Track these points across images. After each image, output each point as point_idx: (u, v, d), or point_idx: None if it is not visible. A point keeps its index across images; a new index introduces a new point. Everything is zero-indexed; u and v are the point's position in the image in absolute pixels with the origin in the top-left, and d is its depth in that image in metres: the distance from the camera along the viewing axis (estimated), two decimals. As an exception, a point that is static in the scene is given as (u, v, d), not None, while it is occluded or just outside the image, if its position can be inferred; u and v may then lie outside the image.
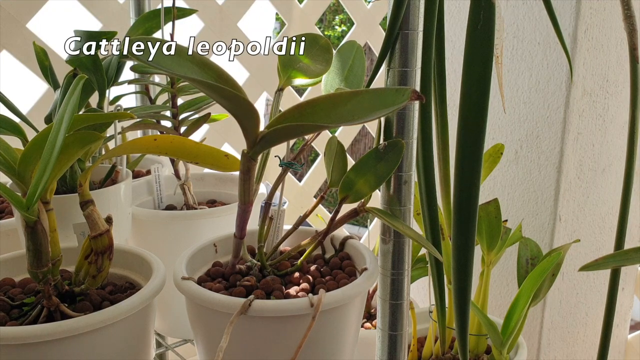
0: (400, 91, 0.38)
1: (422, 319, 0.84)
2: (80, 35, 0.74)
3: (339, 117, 0.38)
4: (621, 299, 1.12)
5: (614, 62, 0.94)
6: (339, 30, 4.46)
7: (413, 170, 0.54)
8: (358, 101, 0.38)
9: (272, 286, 0.58)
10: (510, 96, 0.97)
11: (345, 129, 1.39)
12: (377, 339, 0.57)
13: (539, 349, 1.01)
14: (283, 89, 0.59)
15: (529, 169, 0.97)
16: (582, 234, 0.99)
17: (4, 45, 0.95)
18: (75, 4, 1.01)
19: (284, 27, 1.27)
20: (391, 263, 0.55)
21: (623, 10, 0.58)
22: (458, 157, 0.51)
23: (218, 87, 0.35)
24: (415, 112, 0.52)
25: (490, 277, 0.75)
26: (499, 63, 0.54)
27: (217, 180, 0.92)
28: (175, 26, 0.74)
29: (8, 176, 0.66)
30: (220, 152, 0.73)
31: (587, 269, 0.52)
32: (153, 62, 0.33)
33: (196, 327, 0.59)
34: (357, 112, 0.38)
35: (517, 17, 0.95)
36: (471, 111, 0.50)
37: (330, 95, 0.39)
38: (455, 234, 0.53)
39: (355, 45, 0.64)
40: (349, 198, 0.56)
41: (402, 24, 0.49)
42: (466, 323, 0.56)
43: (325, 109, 0.38)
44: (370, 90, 0.39)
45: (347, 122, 0.38)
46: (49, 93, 0.99)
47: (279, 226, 0.65)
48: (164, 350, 0.89)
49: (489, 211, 0.70)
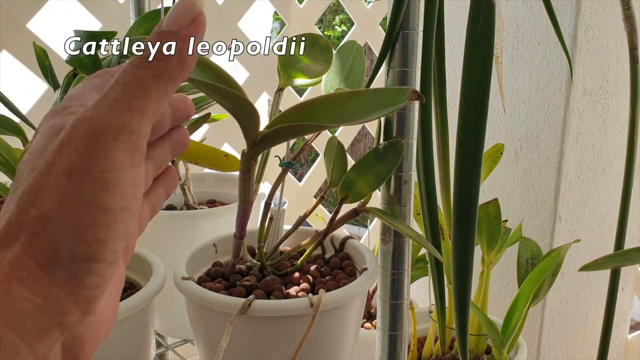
0: (400, 91, 0.38)
1: (422, 319, 0.84)
2: (80, 35, 0.74)
3: (339, 116, 0.38)
4: (621, 299, 1.12)
5: (614, 62, 0.94)
6: (339, 30, 4.46)
7: (413, 170, 0.54)
8: (358, 101, 0.38)
9: (272, 286, 0.58)
10: (510, 96, 0.97)
11: (345, 129, 1.39)
12: (377, 339, 0.57)
13: (539, 349, 1.01)
14: (283, 89, 0.59)
15: (529, 169, 0.97)
16: (582, 234, 0.99)
17: (4, 45, 0.95)
18: (75, 4, 1.01)
19: (284, 27, 1.27)
20: (391, 263, 0.55)
21: (623, 10, 0.58)
22: (458, 157, 0.51)
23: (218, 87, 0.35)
24: (415, 112, 0.52)
25: (490, 277, 0.75)
26: (499, 63, 0.54)
27: (217, 180, 0.92)
28: (175, 26, 0.74)
29: (8, 176, 0.66)
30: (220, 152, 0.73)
31: (587, 269, 0.52)
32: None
33: (196, 327, 0.59)
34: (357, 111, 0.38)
35: (517, 17, 0.95)
36: (471, 111, 0.50)
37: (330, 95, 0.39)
38: (455, 234, 0.53)
39: (355, 45, 0.64)
40: (349, 198, 0.56)
41: (402, 24, 0.49)
42: (466, 323, 0.56)
43: (325, 108, 0.38)
44: (370, 90, 0.39)
45: (348, 121, 0.38)
46: (49, 93, 0.99)
47: (279, 226, 0.65)
48: (164, 350, 0.89)
49: (489, 211, 0.70)
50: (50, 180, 0.26)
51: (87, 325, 0.27)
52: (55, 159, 0.26)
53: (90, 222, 0.25)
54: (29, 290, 0.25)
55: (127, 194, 0.26)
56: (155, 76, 0.26)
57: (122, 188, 0.26)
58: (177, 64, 0.27)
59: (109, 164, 0.25)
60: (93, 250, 0.26)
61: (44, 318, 0.26)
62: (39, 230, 0.25)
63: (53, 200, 0.25)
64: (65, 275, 0.26)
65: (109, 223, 0.26)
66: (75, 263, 0.26)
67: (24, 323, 0.25)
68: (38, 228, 0.25)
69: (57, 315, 0.26)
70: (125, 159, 0.26)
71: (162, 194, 0.34)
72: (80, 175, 0.25)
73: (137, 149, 0.26)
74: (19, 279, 0.25)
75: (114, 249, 0.26)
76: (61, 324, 0.26)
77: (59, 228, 0.25)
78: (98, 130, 0.25)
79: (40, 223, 0.25)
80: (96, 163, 0.25)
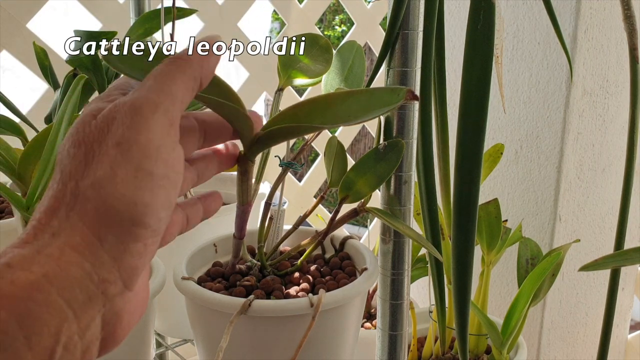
0: (395, 91, 0.38)
1: (422, 319, 0.84)
2: (80, 35, 0.74)
3: (334, 117, 0.38)
4: (621, 299, 1.12)
5: (614, 62, 0.94)
6: (339, 30, 4.46)
7: (413, 170, 0.54)
8: (353, 101, 0.38)
9: (272, 286, 0.58)
10: (510, 96, 0.97)
11: (345, 128, 1.39)
12: (377, 339, 0.57)
13: (539, 349, 1.01)
14: (283, 89, 0.59)
15: (529, 169, 0.97)
16: (582, 234, 0.99)
17: (4, 45, 0.95)
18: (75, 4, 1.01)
19: (284, 27, 1.27)
20: (391, 263, 0.55)
21: (623, 10, 0.58)
22: (458, 157, 0.51)
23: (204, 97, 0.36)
24: (415, 112, 0.52)
25: (490, 277, 0.75)
26: (499, 63, 0.54)
27: (217, 180, 0.92)
28: (175, 26, 0.74)
29: (8, 176, 0.66)
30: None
31: (587, 269, 0.52)
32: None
33: (196, 327, 0.59)
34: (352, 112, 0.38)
35: (517, 17, 0.95)
36: (471, 111, 0.50)
37: (325, 96, 0.39)
38: (455, 234, 0.53)
39: (355, 45, 0.64)
40: (349, 198, 0.56)
41: (402, 24, 0.49)
42: (466, 323, 0.56)
43: (321, 109, 0.38)
44: (365, 90, 0.39)
45: (343, 122, 0.38)
46: (49, 93, 0.99)
47: (279, 226, 0.65)
48: (164, 350, 0.89)
49: (489, 211, 0.70)
50: (101, 152, 0.29)
51: (126, 300, 0.30)
52: (102, 134, 0.30)
53: (137, 186, 0.29)
54: (80, 255, 0.28)
55: (167, 162, 0.30)
56: (181, 71, 0.32)
57: (164, 156, 0.30)
58: (198, 65, 0.33)
59: (151, 134, 0.30)
60: (140, 212, 0.29)
61: (90, 285, 0.28)
62: (93, 196, 0.29)
63: (104, 168, 0.29)
64: (113, 238, 0.29)
65: (153, 188, 0.30)
66: (123, 225, 0.29)
67: (73, 289, 0.28)
68: (92, 195, 0.29)
69: (102, 283, 0.29)
70: (164, 131, 0.30)
71: (200, 211, 0.39)
72: (127, 144, 0.29)
73: (172, 125, 0.31)
74: (71, 245, 0.28)
75: (158, 216, 0.30)
76: (105, 293, 0.29)
77: (111, 192, 0.29)
78: (139, 106, 0.30)
79: (94, 190, 0.29)
80: (140, 133, 0.30)
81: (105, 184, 0.29)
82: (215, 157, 0.40)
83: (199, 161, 0.39)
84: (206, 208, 0.39)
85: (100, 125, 0.30)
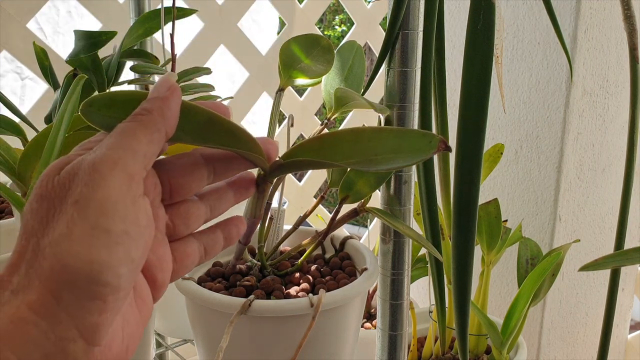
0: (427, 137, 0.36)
1: (422, 319, 0.84)
2: (80, 35, 0.74)
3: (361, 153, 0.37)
4: (621, 299, 1.12)
5: (614, 62, 0.94)
6: (339, 30, 4.46)
7: (413, 170, 0.54)
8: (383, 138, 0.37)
9: (272, 286, 0.58)
10: (510, 96, 0.97)
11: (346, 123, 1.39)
12: (377, 339, 0.57)
13: (539, 349, 1.01)
14: (284, 89, 0.59)
15: (529, 169, 0.97)
16: (582, 234, 0.99)
17: (4, 45, 0.95)
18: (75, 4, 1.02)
19: (284, 27, 1.27)
20: (391, 263, 0.55)
21: (623, 10, 0.58)
22: (458, 157, 0.51)
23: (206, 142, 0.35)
24: (415, 112, 0.52)
25: (490, 277, 0.75)
26: (499, 63, 0.54)
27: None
28: (175, 26, 0.74)
29: (8, 176, 0.66)
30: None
31: (587, 269, 0.52)
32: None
33: (196, 327, 0.59)
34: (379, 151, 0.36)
35: (517, 17, 0.95)
36: (471, 111, 0.50)
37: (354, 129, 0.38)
38: (455, 234, 0.53)
39: (355, 45, 0.64)
40: (349, 198, 0.56)
41: (402, 24, 0.49)
42: (466, 323, 0.56)
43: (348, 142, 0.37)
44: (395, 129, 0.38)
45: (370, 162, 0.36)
46: (49, 93, 0.99)
47: (279, 226, 0.65)
48: (164, 350, 0.89)
49: (489, 211, 0.70)
50: (62, 210, 0.30)
51: (94, 356, 0.30)
52: (63, 191, 0.30)
53: (93, 244, 0.29)
54: (36, 314, 0.28)
55: (126, 218, 0.30)
56: (142, 126, 0.32)
57: (122, 212, 0.30)
58: (159, 117, 0.33)
59: (108, 191, 0.29)
60: (96, 270, 0.28)
61: (47, 343, 0.28)
62: (49, 254, 0.29)
63: (61, 227, 0.29)
64: (70, 297, 0.28)
65: (110, 245, 0.29)
66: (79, 283, 0.28)
67: (27, 347, 0.27)
68: (49, 252, 0.29)
69: (60, 341, 0.28)
70: (123, 187, 0.30)
71: (220, 239, 0.38)
72: (84, 202, 0.29)
73: (133, 180, 0.31)
74: (28, 303, 0.28)
75: (117, 273, 0.29)
76: (65, 351, 0.28)
77: (66, 250, 0.28)
78: (98, 163, 0.30)
79: (51, 248, 0.29)
80: (96, 190, 0.29)
81: (61, 242, 0.29)
82: (230, 189, 0.39)
83: (210, 195, 0.38)
84: (227, 235, 0.39)
85: (62, 181, 0.30)
